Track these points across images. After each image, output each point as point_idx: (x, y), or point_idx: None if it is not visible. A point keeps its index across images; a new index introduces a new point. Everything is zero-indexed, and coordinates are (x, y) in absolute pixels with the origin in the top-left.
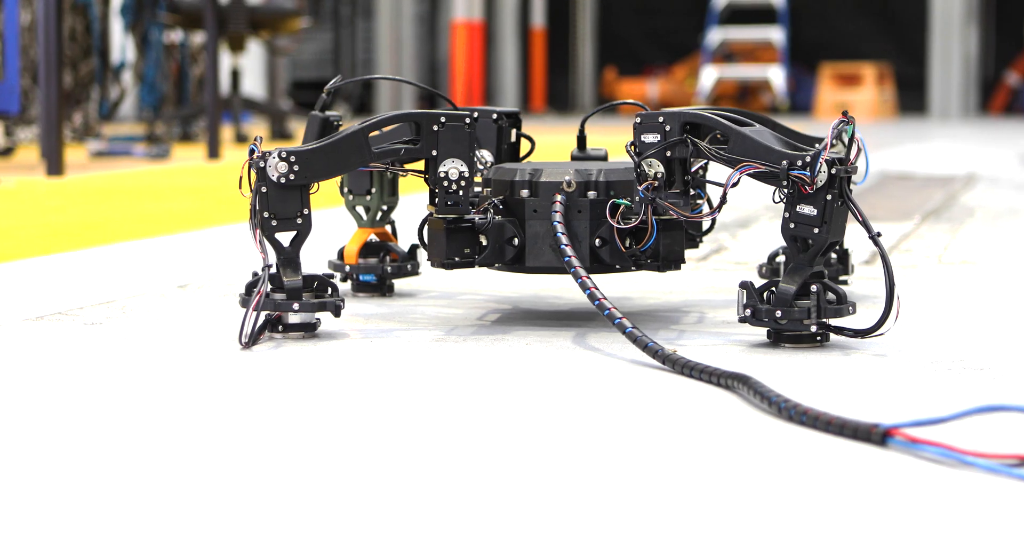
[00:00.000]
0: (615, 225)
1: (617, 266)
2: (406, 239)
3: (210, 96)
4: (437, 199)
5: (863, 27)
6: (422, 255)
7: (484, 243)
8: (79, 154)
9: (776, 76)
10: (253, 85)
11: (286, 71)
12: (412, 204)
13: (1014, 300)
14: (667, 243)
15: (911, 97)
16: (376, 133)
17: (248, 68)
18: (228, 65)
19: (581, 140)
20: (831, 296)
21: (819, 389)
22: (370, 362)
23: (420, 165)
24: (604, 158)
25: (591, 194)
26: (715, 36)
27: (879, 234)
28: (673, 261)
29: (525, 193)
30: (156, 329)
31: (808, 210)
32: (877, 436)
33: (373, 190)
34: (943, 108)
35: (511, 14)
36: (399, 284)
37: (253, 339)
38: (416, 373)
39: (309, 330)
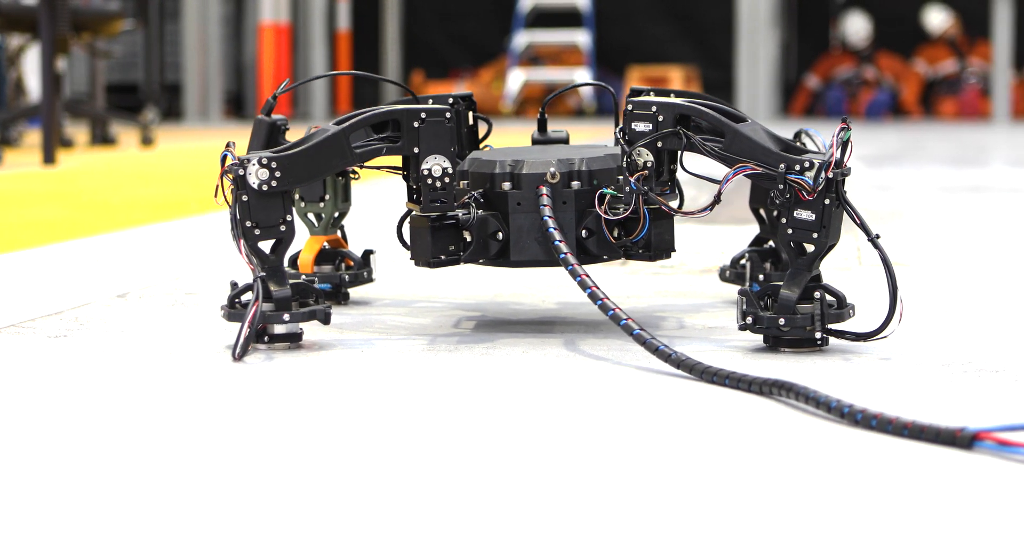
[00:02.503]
0: (604, 215)
1: (605, 257)
2: (357, 244)
3: (46, 100)
4: (421, 197)
5: (667, 31)
6: (375, 261)
7: (468, 239)
8: None
9: (582, 79)
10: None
11: (87, 74)
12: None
13: (986, 300)
14: (658, 232)
15: None
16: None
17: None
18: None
19: (542, 123)
20: (830, 299)
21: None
22: (369, 375)
23: (389, 160)
24: (566, 141)
25: (575, 184)
26: (521, 39)
27: (878, 236)
28: (664, 250)
29: (507, 186)
30: (127, 342)
31: (806, 215)
32: (964, 440)
33: (327, 196)
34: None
35: (319, 17)
36: (351, 292)
37: (244, 352)
38: (423, 384)
39: (295, 340)
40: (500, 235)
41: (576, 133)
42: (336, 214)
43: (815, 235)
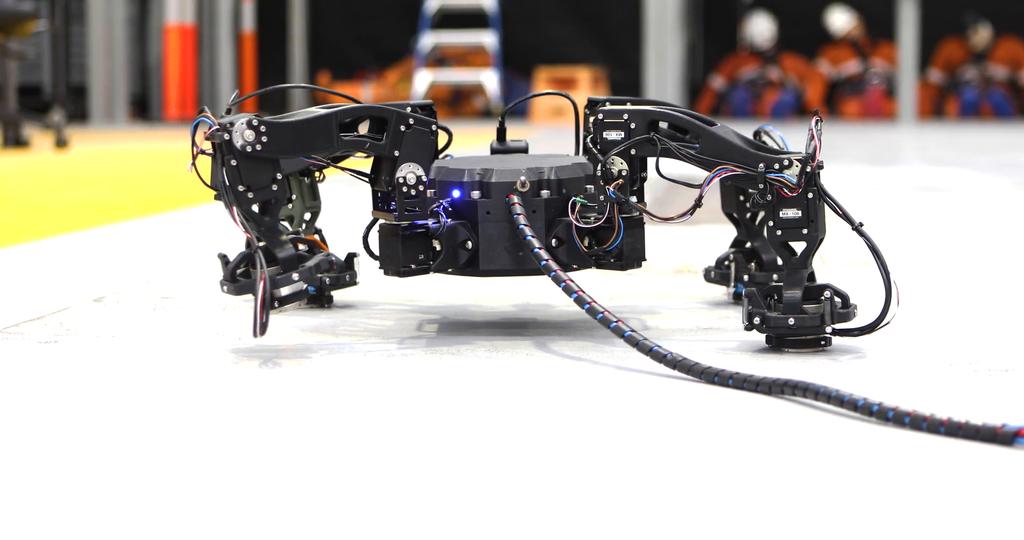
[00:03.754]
0: (576, 224)
1: (575, 266)
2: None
3: None
4: (396, 205)
5: (574, 32)
6: (359, 264)
7: (438, 248)
8: None
9: (489, 80)
10: None
11: None
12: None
13: (976, 298)
14: (630, 241)
15: None
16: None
17: None
18: None
19: (501, 132)
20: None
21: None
22: (377, 379)
23: (356, 164)
24: (525, 150)
25: (544, 193)
26: (427, 40)
27: (861, 224)
28: (636, 259)
29: (476, 195)
30: (118, 347)
31: (792, 213)
32: (1005, 437)
33: (294, 197)
34: None
35: (225, 18)
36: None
37: (264, 326)
38: (435, 389)
39: (303, 298)
40: (469, 244)
41: (486, 134)
42: (308, 215)
43: (804, 231)
